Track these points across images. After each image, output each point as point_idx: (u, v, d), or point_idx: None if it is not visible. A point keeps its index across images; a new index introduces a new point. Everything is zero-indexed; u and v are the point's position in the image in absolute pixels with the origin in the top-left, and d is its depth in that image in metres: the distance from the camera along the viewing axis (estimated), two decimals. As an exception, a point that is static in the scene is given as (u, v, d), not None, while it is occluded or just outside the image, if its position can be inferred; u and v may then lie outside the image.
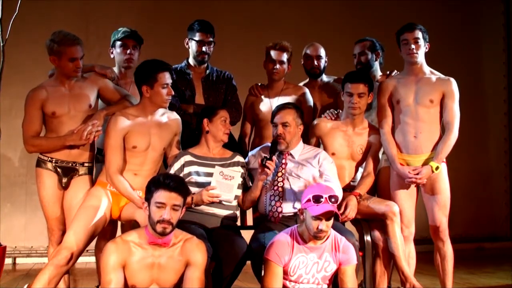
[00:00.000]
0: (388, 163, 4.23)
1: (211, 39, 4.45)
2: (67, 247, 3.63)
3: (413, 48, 4.11)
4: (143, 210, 3.44)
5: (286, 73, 4.53)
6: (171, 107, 4.15)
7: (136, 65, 4.14)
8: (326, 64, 4.70)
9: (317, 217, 3.45)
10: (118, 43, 4.33)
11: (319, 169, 3.97)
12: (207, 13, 5.34)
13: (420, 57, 4.15)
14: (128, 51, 4.31)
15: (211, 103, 4.38)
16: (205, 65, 4.52)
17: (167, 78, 3.82)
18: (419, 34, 4.12)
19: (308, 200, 3.49)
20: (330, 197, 3.49)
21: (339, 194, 3.88)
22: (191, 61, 4.52)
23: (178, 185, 3.32)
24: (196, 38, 4.43)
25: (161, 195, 3.28)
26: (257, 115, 4.56)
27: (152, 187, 3.33)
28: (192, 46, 4.47)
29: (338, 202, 3.80)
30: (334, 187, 3.76)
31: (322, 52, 4.67)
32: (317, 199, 3.47)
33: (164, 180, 3.31)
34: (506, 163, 7.42)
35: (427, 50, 4.18)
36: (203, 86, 4.47)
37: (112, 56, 4.40)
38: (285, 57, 4.47)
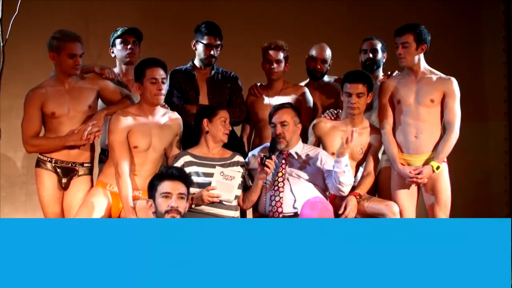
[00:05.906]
0: (389, 163, 4.23)
1: (219, 42, 4.38)
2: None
3: (399, 53, 4.11)
4: (148, 209, 3.45)
5: (284, 72, 4.53)
6: (175, 108, 4.15)
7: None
8: (329, 68, 4.65)
9: None
10: (118, 40, 4.32)
11: (322, 167, 3.98)
12: (207, 13, 5.33)
13: (410, 61, 4.11)
14: (129, 46, 4.29)
15: (215, 103, 4.35)
16: (211, 66, 4.48)
17: (154, 73, 3.81)
18: (408, 38, 4.09)
19: None
20: None
21: (351, 179, 3.95)
22: (196, 62, 4.47)
23: (181, 174, 3.38)
24: (204, 42, 4.36)
25: (165, 186, 3.31)
26: (257, 115, 4.55)
27: (155, 181, 3.36)
28: (199, 49, 4.40)
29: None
30: (347, 175, 3.88)
31: (328, 55, 4.61)
32: None
33: (166, 171, 3.37)
34: (506, 163, 7.38)
35: (423, 52, 4.15)
36: (208, 87, 4.44)
37: (113, 55, 4.39)
38: (281, 55, 4.45)
